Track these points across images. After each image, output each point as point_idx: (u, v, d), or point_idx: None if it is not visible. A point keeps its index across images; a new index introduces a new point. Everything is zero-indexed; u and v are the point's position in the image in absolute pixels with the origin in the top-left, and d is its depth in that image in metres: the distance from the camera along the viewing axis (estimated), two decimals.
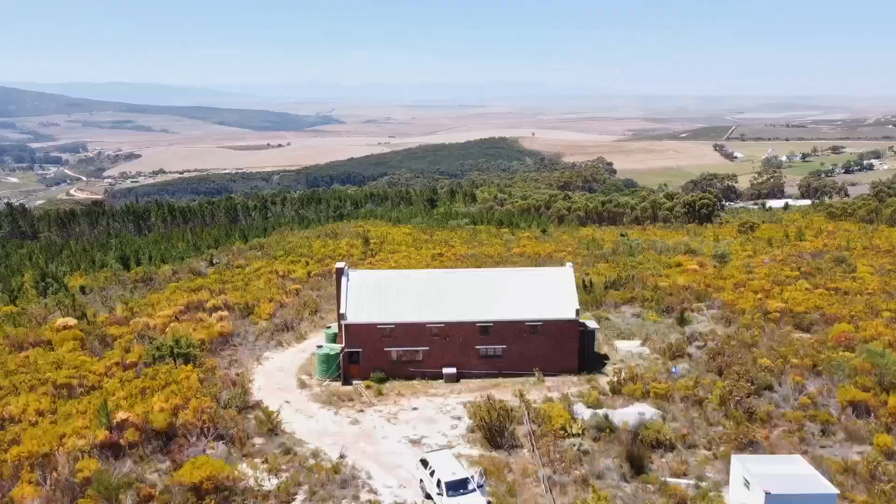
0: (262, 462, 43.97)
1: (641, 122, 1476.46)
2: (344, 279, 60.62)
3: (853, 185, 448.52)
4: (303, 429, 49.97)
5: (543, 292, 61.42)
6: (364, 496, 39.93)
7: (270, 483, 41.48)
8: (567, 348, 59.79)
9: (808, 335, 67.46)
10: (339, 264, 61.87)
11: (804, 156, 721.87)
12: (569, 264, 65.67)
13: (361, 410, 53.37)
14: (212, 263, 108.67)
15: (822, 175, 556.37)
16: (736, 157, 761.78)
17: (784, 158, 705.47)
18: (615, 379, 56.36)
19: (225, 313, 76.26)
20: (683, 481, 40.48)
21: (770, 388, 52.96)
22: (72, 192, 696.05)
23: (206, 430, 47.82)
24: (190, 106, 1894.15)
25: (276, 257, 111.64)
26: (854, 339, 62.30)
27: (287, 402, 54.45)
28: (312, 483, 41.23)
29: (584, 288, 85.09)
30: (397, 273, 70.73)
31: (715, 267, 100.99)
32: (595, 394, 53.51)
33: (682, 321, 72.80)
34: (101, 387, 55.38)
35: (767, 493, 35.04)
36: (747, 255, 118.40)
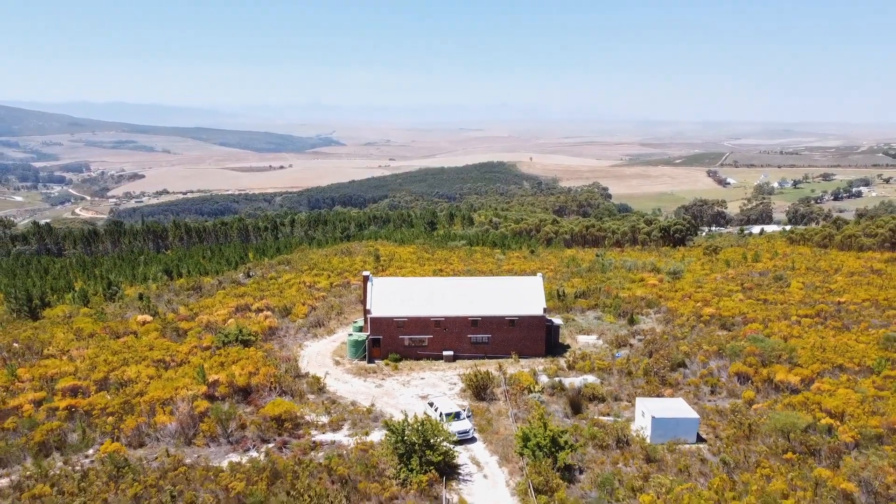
0: (318, 407, 62.92)
1: (639, 147, 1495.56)
2: (369, 284, 79.90)
3: (841, 211, 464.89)
4: (342, 390, 68.90)
5: (519, 295, 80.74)
6: None
7: (325, 418, 60.41)
8: (536, 337, 78.98)
9: (728, 332, 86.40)
10: (366, 273, 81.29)
11: (795, 182, 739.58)
12: (539, 274, 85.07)
13: (383, 379, 72.43)
14: (248, 275, 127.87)
15: (812, 201, 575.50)
16: (729, 183, 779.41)
17: (776, 185, 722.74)
18: (571, 359, 75.52)
19: (269, 313, 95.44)
20: (606, 418, 59.39)
21: (683, 365, 72.01)
22: (77, 211, 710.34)
23: (272, 388, 66.77)
24: (192, 127, 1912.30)
25: (301, 271, 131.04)
26: (759, 334, 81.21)
27: (327, 373, 73.35)
28: (354, 418, 60.20)
29: (558, 297, 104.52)
30: (409, 279, 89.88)
31: (668, 282, 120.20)
32: (555, 368, 72.69)
33: (632, 321, 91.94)
34: (188, 362, 74.31)
35: (653, 417, 54.03)
36: (705, 273, 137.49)
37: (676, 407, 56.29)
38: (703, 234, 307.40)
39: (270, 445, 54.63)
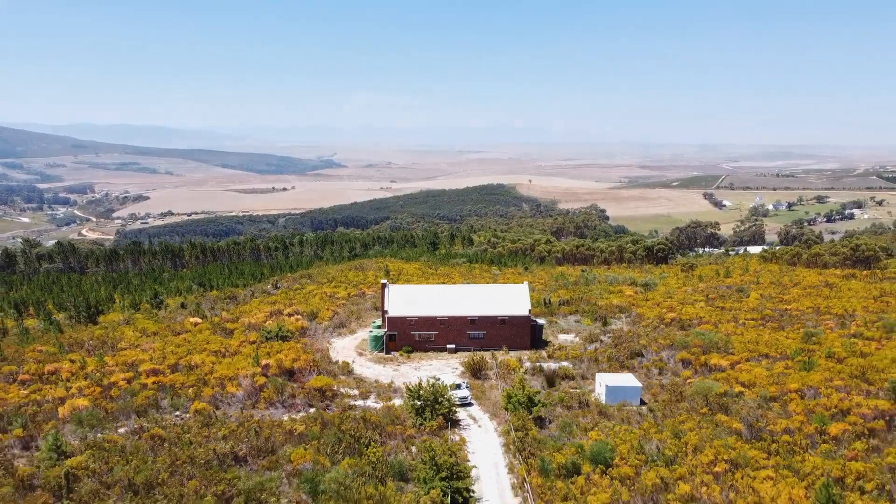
0: (349, 383, 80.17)
1: (638, 170, 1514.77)
2: (386, 290, 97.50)
3: (833, 233, 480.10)
4: (366, 373, 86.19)
5: (509, 299, 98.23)
6: None
7: (355, 391, 77.58)
8: (523, 333, 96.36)
9: (684, 331, 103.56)
10: (384, 281, 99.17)
11: (790, 205, 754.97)
12: (525, 283, 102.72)
13: (398, 365, 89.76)
14: (276, 287, 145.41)
15: (805, 223, 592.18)
16: (724, 206, 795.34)
17: (771, 207, 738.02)
18: (551, 351, 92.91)
19: (299, 316, 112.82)
20: (573, 390, 76.59)
21: (641, 354, 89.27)
22: (83, 232, 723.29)
23: (312, 370, 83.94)
24: (193, 149, 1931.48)
25: (322, 283, 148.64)
26: (706, 331, 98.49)
27: (353, 361, 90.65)
28: (378, 391, 77.46)
29: (545, 304, 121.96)
30: (420, 286, 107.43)
31: (642, 293, 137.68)
32: (537, 356, 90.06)
33: (605, 323, 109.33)
34: (239, 352, 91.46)
35: (607, 385, 71.23)
36: (678, 286, 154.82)
37: (625, 379, 73.57)
38: (692, 254, 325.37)
39: (315, 409, 71.76)
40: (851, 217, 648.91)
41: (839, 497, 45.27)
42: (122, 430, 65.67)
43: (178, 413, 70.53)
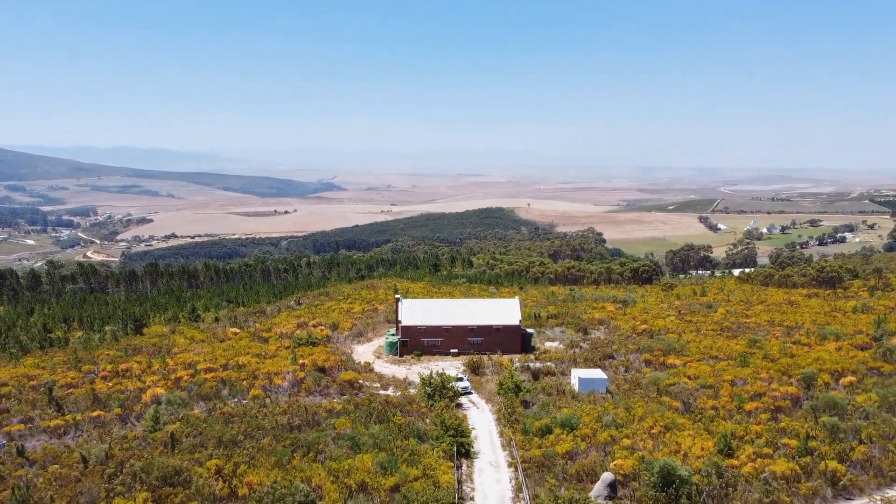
0: (371, 378, 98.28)
1: (635, 193, 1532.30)
2: (400, 303, 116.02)
3: (823, 256, 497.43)
4: (384, 371, 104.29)
5: (503, 311, 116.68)
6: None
7: (377, 384, 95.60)
8: (514, 340, 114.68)
9: (651, 339, 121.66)
10: (398, 296, 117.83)
11: (783, 228, 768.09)
12: (517, 297, 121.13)
13: (410, 366, 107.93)
14: (298, 303, 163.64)
15: (797, 246, 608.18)
16: (719, 229, 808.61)
17: (765, 230, 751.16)
18: (537, 354, 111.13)
19: (322, 327, 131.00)
20: (553, 382, 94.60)
21: (612, 356, 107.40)
22: (88, 254, 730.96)
23: (340, 367, 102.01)
24: (195, 172, 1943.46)
25: (339, 300, 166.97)
26: (667, 338, 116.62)
27: (373, 362, 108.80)
28: (395, 384, 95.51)
29: (535, 318, 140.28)
30: (428, 300, 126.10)
31: (621, 309, 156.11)
32: (525, 358, 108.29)
33: (586, 333, 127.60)
34: (277, 355, 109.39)
35: (579, 377, 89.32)
36: (657, 303, 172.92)
37: (595, 373, 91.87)
38: (683, 276, 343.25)
39: (346, 396, 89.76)
40: (843, 240, 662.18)
41: (735, 445, 63.42)
42: (196, 410, 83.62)
43: (236, 399, 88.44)
